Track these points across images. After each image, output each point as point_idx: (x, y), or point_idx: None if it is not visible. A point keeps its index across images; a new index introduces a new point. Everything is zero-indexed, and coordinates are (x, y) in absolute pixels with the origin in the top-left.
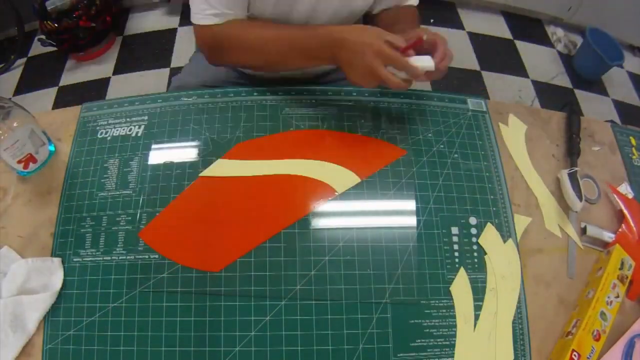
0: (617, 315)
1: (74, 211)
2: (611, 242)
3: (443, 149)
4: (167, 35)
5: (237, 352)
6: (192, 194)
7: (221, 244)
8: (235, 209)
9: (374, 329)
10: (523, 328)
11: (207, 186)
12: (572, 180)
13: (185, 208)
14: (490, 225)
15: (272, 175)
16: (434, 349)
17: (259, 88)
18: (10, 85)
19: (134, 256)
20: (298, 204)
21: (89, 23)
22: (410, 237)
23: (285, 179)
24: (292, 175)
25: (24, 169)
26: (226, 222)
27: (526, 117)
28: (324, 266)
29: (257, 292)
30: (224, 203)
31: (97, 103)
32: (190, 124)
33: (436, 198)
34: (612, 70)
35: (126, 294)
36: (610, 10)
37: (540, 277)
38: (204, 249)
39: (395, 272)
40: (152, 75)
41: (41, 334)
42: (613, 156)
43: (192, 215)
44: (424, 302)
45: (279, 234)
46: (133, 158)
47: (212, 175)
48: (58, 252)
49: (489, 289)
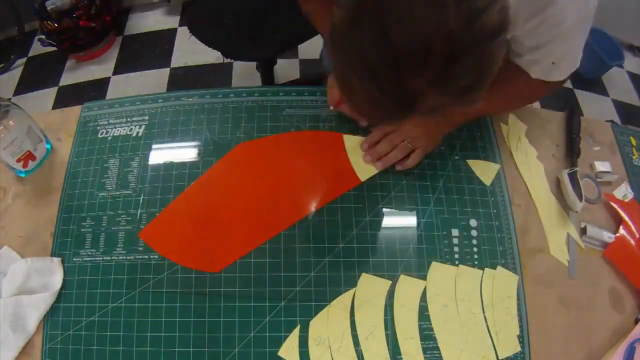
0: (617, 320)
1: (74, 211)
2: (611, 242)
3: (444, 150)
4: (167, 35)
5: (237, 352)
6: (192, 194)
7: (221, 244)
8: (235, 209)
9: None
10: (523, 328)
11: (207, 187)
12: (572, 180)
13: (186, 208)
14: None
15: (273, 176)
16: (433, 350)
17: (260, 88)
18: (10, 85)
19: (134, 256)
20: (298, 205)
21: (89, 23)
22: (410, 238)
23: (286, 180)
24: (292, 176)
25: (24, 168)
26: (226, 222)
27: (526, 117)
28: (324, 267)
29: (256, 293)
30: (224, 204)
31: (98, 103)
32: (191, 124)
33: (437, 200)
34: (612, 70)
35: (126, 294)
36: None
37: (540, 277)
38: (204, 249)
39: (396, 274)
40: (152, 75)
41: (41, 333)
42: (613, 156)
43: (192, 215)
44: (423, 303)
45: (279, 235)
46: (133, 158)
47: (212, 176)
48: (58, 252)
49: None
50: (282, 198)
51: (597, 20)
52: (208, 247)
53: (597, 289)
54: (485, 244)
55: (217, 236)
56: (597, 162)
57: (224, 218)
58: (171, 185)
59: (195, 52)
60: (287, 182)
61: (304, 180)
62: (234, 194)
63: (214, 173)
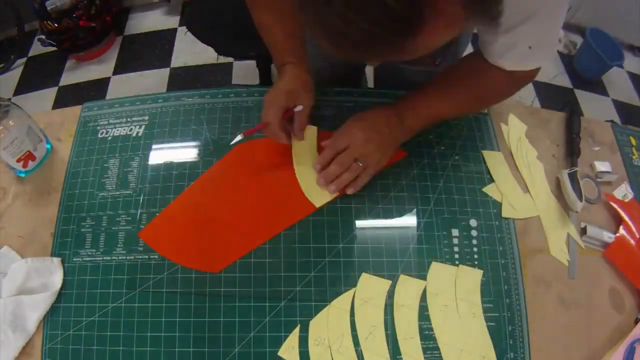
0: (617, 320)
1: (74, 211)
2: (611, 242)
3: (444, 150)
4: (167, 35)
5: (237, 353)
6: (192, 194)
7: (221, 244)
8: (235, 209)
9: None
10: (523, 328)
11: (207, 187)
12: (572, 180)
13: (186, 208)
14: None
15: (273, 176)
16: (433, 350)
17: (260, 88)
18: (10, 85)
19: (134, 256)
20: (299, 205)
21: (89, 23)
22: (410, 238)
23: (286, 180)
24: (293, 177)
25: (24, 168)
26: (226, 222)
27: (526, 117)
28: (324, 267)
29: (256, 293)
30: (224, 204)
31: (98, 103)
32: (191, 124)
33: (437, 200)
34: (612, 70)
35: (126, 294)
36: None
37: (540, 277)
38: (204, 249)
39: (396, 274)
40: (152, 75)
41: (41, 333)
42: (613, 156)
43: (192, 215)
44: (423, 303)
45: (279, 235)
46: (133, 158)
47: (212, 176)
48: (58, 252)
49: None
50: (283, 198)
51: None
52: (208, 247)
53: (597, 289)
54: (485, 244)
55: (217, 236)
56: (597, 162)
57: (224, 218)
58: (171, 185)
59: (195, 52)
60: (288, 181)
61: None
62: (234, 194)
63: (214, 173)
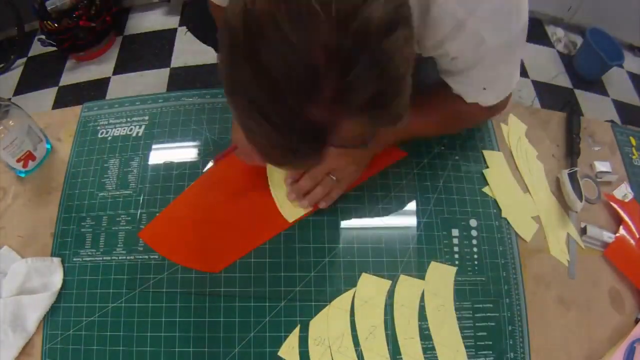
0: (617, 320)
1: (74, 211)
2: (611, 242)
3: (444, 150)
4: (167, 35)
5: (237, 353)
6: (192, 194)
7: (221, 244)
8: (236, 209)
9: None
10: (523, 328)
11: (207, 187)
12: (572, 180)
13: (186, 208)
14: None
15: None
16: (433, 350)
17: None
18: (10, 85)
19: (134, 256)
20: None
21: (89, 23)
22: (410, 238)
23: (262, 196)
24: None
25: (24, 168)
26: (226, 223)
27: (526, 117)
28: (324, 267)
29: (256, 293)
30: (224, 204)
31: (98, 103)
32: (191, 124)
33: (437, 200)
34: (612, 70)
35: (126, 294)
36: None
37: (540, 277)
38: (204, 249)
39: (396, 274)
40: (152, 75)
41: (41, 333)
42: (613, 156)
43: (192, 215)
44: (423, 303)
45: (279, 235)
46: (133, 158)
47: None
48: (58, 252)
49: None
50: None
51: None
52: (208, 247)
53: (597, 289)
54: (485, 244)
55: (217, 236)
56: (597, 162)
57: (224, 218)
58: (171, 185)
59: (195, 52)
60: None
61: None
62: (234, 194)
63: (214, 173)
